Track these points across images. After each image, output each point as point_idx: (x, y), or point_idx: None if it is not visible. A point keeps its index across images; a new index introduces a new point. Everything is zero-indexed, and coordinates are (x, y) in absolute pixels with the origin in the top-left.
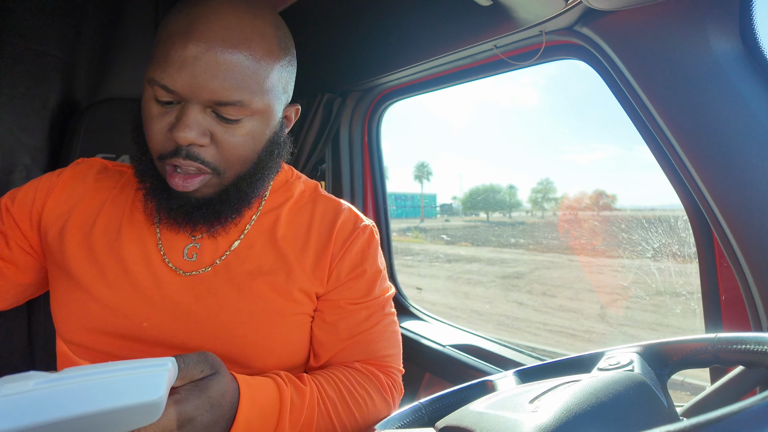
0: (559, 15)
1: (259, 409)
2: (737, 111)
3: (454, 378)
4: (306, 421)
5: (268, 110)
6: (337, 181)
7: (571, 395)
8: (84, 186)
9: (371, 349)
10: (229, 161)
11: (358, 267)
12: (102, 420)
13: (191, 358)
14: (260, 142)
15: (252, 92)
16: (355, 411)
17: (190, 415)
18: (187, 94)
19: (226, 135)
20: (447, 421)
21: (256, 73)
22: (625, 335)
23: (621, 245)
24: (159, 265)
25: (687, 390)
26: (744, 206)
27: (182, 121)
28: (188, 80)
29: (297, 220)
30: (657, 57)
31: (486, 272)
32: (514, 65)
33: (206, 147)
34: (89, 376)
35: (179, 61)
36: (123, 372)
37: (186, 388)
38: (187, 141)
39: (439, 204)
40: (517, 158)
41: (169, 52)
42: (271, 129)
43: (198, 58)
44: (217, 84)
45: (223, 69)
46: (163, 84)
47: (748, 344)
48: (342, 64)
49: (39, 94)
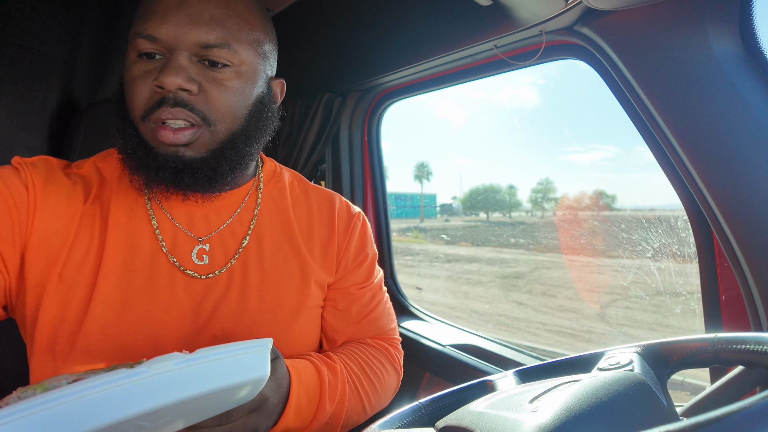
0: (559, 15)
1: (305, 389)
2: (737, 111)
3: (454, 378)
4: (340, 395)
5: (253, 67)
6: (337, 181)
7: (571, 395)
8: (67, 191)
9: (378, 326)
10: (220, 111)
11: (361, 253)
12: (221, 396)
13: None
14: (248, 98)
15: (237, 38)
16: (375, 383)
17: (266, 395)
18: (172, 41)
19: (214, 84)
20: (447, 420)
21: (243, 20)
22: (625, 335)
23: (621, 245)
24: (170, 271)
25: (687, 390)
26: (744, 206)
27: (169, 65)
28: (173, 27)
29: (297, 211)
30: (657, 57)
31: (486, 272)
32: (514, 65)
33: (195, 95)
34: (221, 356)
35: (163, 10)
36: (237, 353)
37: None
38: (175, 85)
39: (439, 204)
40: (517, 158)
41: (152, 4)
42: (258, 89)
43: (182, 4)
44: (202, 28)
45: (207, 14)
46: (147, 34)
47: (748, 344)
48: (342, 64)
49: (39, 94)
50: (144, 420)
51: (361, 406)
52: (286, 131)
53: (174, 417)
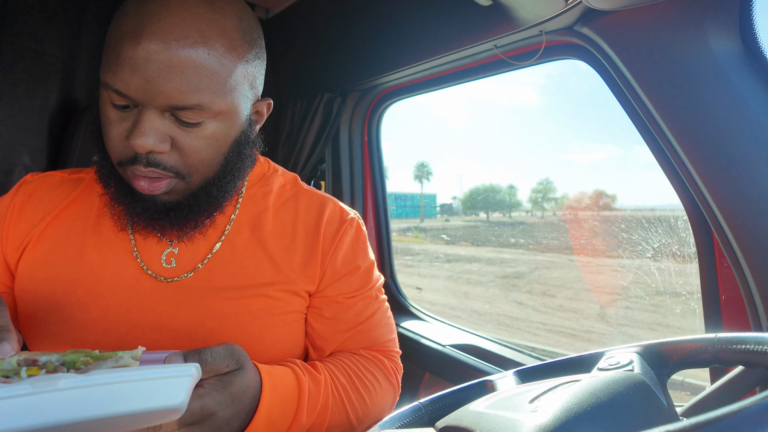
0: (559, 15)
1: (279, 399)
2: (737, 111)
3: (454, 378)
4: (321, 408)
5: (232, 110)
6: (337, 181)
7: (570, 395)
8: (42, 204)
9: (373, 337)
10: (193, 166)
11: (351, 263)
12: (126, 420)
13: (218, 352)
14: (225, 143)
15: (212, 93)
16: (365, 396)
17: (212, 410)
18: (142, 99)
19: (187, 139)
20: (447, 421)
21: (216, 72)
22: (624, 335)
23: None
24: (136, 274)
25: (687, 390)
26: (744, 206)
27: (138, 128)
28: (141, 83)
29: (281, 217)
30: (657, 57)
31: (486, 272)
32: (514, 65)
33: (167, 153)
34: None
35: (131, 63)
36: (148, 378)
37: (210, 382)
38: (145, 149)
39: (439, 204)
40: (517, 158)
41: (120, 53)
42: (237, 129)
43: (150, 59)
44: (172, 87)
45: (178, 70)
46: (115, 88)
47: (748, 344)
48: (342, 64)
49: (39, 94)
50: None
51: (347, 419)
52: (286, 131)
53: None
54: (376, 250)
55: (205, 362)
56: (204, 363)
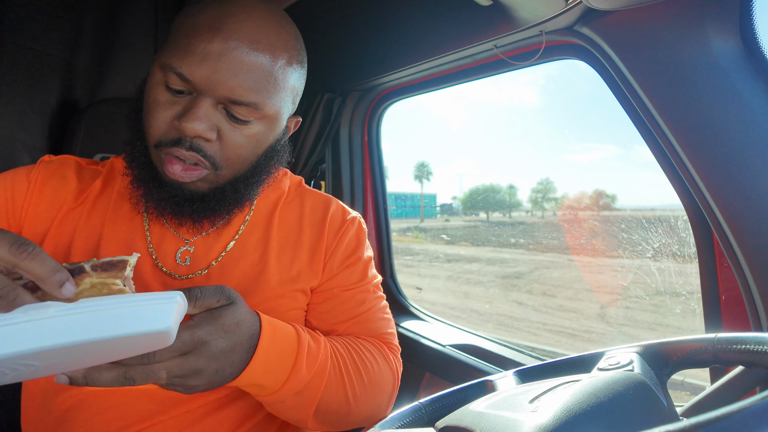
0: (559, 15)
1: (278, 344)
2: (737, 111)
3: (454, 378)
4: (320, 366)
5: (277, 116)
6: (337, 181)
7: (570, 395)
8: (66, 188)
9: (371, 328)
10: (230, 159)
11: (351, 256)
12: (118, 344)
13: (208, 289)
14: (262, 145)
15: (267, 96)
16: (362, 370)
17: (202, 338)
18: (204, 87)
19: (232, 134)
20: (447, 420)
21: (275, 78)
22: (624, 335)
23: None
24: (151, 270)
25: (687, 390)
26: (744, 206)
27: (193, 112)
28: (208, 74)
29: (288, 217)
30: (657, 57)
31: (486, 272)
32: (514, 65)
33: (211, 142)
34: (103, 307)
35: (202, 53)
36: (134, 304)
37: (200, 315)
38: (195, 133)
39: (439, 204)
40: (517, 158)
41: (192, 42)
42: (275, 135)
43: (223, 54)
44: (236, 83)
45: (245, 69)
46: (180, 72)
47: (748, 344)
48: (342, 64)
49: (39, 94)
50: (28, 360)
51: (344, 393)
52: None
53: (67, 358)
54: (376, 250)
55: (194, 297)
56: (193, 298)
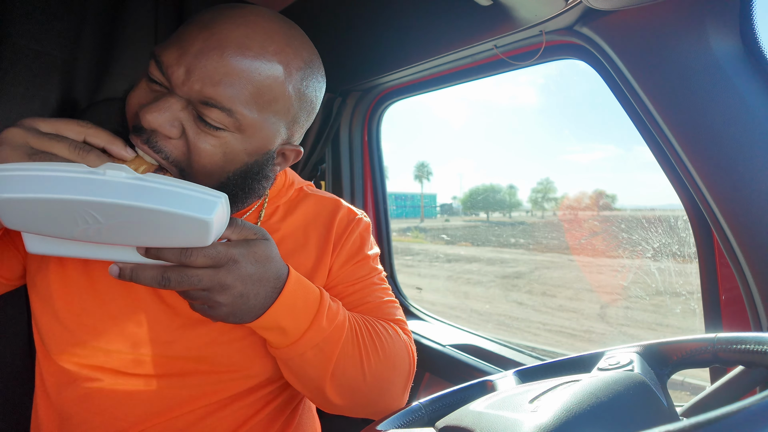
0: (559, 15)
1: (303, 291)
2: (737, 111)
3: (454, 378)
4: (338, 325)
5: (255, 132)
6: (337, 181)
7: (570, 395)
8: None
9: (381, 313)
10: (193, 167)
11: (356, 255)
12: (166, 221)
13: (248, 223)
14: (234, 161)
15: (246, 106)
16: (376, 341)
17: (234, 256)
18: (176, 83)
19: (198, 138)
20: (447, 420)
21: (261, 90)
22: (624, 335)
23: (621, 245)
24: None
25: (687, 390)
26: (744, 206)
27: (156, 104)
28: (183, 70)
29: (293, 222)
30: (657, 57)
31: (486, 272)
32: (514, 65)
33: (173, 140)
34: (165, 183)
35: (183, 48)
36: (188, 189)
37: (237, 240)
38: (151, 125)
39: (439, 204)
40: (517, 158)
41: (181, 35)
42: (252, 154)
43: (202, 53)
44: (210, 83)
45: (223, 72)
46: (159, 60)
47: (748, 344)
48: (342, 64)
49: (39, 94)
50: (93, 210)
51: (359, 359)
52: None
53: (125, 222)
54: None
55: (235, 223)
56: (234, 224)
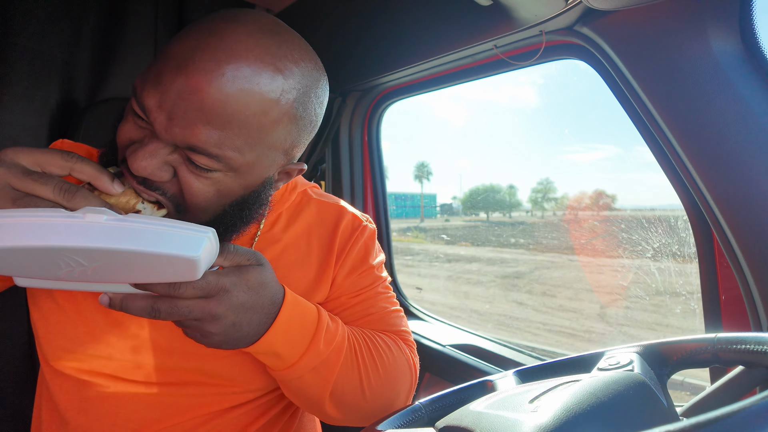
0: (559, 15)
1: (299, 317)
2: (737, 111)
3: (454, 378)
4: (337, 345)
5: (249, 169)
6: (337, 181)
7: (570, 395)
8: None
9: (385, 324)
10: (189, 207)
11: (361, 265)
12: (152, 261)
13: (241, 248)
14: (228, 197)
15: (236, 150)
16: (377, 359)
17: (226, 286)
18: (160, 130)
19: (190, 178)
20: (447, 420)
21: (249, 130)
22: (624, 335)
23: (621, 245)
24: None
25: (687, 390)
26: (744, 206)
27: (143, 149)
28: (165, 113)
29: (296, 232)
30: (657, 57)
31: (486, 272)
32: (514, 65)
33: (168, 182)
34: (148, 224)
35: (162, 91)
36: (173, 228)
37: (230, 268)
38: (141, 174)
39: (439, 204)
40: (517, 158)
41: (161, 72)
42: (248, 187)
43: (182, 96)
44: (194, 131)
45: (207, 117)
46: (141, 102)
47: (748, 344)
48: (342, 64)
49: (39, 94)
50: (75, 255)
51: (358, 379)
52: None
53: (110, 264)
54: None
55: (227, 250)
56: (226, 251)
